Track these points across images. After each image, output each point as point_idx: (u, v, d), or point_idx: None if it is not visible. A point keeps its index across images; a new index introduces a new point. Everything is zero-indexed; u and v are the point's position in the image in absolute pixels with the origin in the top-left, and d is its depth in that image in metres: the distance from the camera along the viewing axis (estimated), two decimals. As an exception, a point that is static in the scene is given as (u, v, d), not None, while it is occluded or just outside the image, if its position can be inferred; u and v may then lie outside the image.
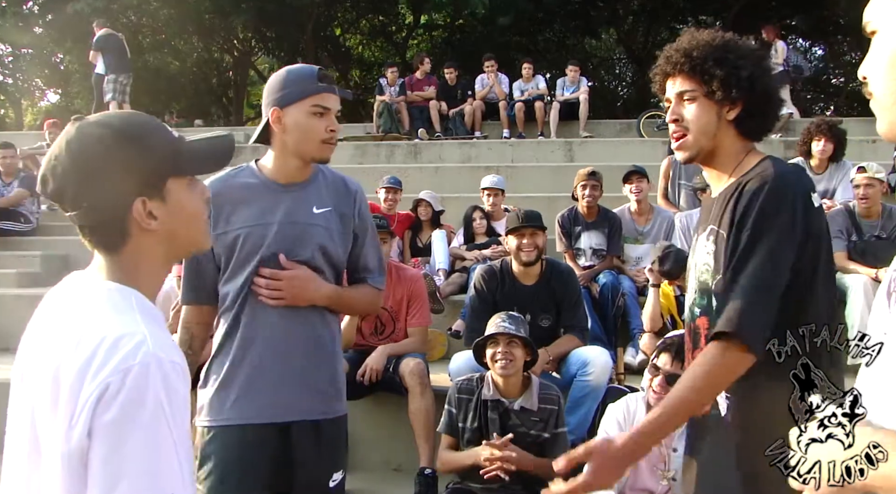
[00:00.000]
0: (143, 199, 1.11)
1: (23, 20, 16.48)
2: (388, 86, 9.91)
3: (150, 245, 1.14)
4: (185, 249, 1.23)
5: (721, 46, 1.58)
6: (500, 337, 3.05)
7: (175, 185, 1.14)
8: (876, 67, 0.90)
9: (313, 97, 1.90)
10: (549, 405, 3.04)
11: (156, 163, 1.12)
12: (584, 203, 4.98)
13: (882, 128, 0.91)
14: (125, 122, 1.14)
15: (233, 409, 1.95)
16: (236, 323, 1.96)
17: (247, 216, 1.95)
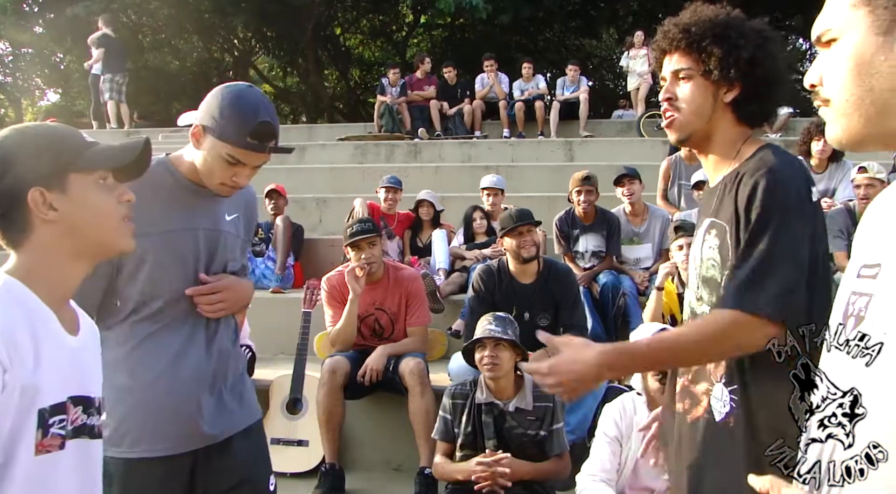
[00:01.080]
0: (39, 190, 1.18)
1: (23, 19, 16.47)
2: (390, 86, 9.91)
3: (53, 238, 1.20)
4: (95, 247, 1.26)
5: (722, 23, 1.49)
6: (486, 341, 3.02)
7: (79, 180, 1.22)
8: (836, 74, 0.90)
9: (231, 146, 1.69)
10: (544, 402, 3.03)
11: (53, 156, 1.21)
12: (580, 208, 4.96)
13: (837, 134, 0.92)
14: (28, 126, 1.26)
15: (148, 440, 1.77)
16: (148, 338, 1.76)
17: (162, 218, 1.75)
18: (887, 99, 0.87)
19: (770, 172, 1.41)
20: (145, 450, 1.75)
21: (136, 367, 1.76)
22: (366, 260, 3.80)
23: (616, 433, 2.81)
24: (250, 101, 1.72)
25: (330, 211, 6.84)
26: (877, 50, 0.87)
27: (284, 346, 4.75)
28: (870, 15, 0.88)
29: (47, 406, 1.16)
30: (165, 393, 1.76)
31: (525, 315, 3.77)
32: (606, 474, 2.77)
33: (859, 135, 0.90)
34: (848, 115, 0.90)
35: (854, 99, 0.89)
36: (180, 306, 1.79)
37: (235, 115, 1.69)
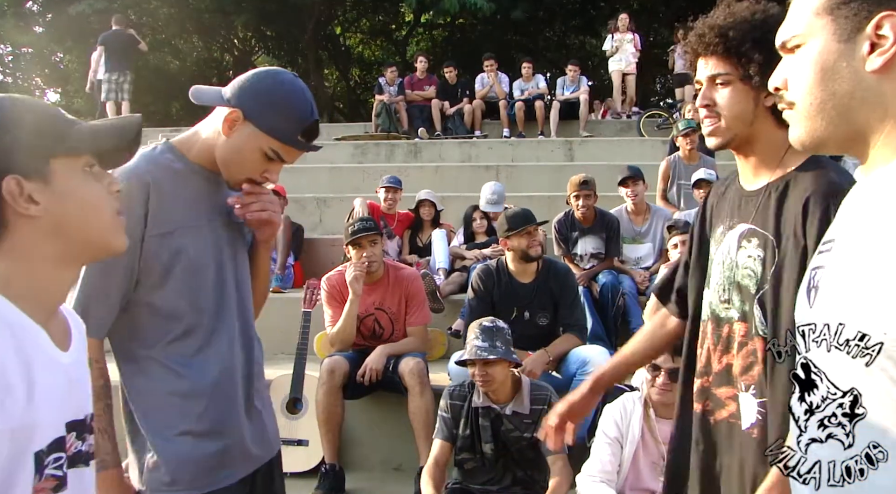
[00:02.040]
0: (16, 178, 0.95)
1: (23, 19, 16.49)
2: (388, 85, 9.91)
3: (34, 238, 0.98)
4: (86, 247, 1.04)
5: (761, 25, 1.42)
6: (476, 360, 2.99)
7: (63, 167, 1.00)
8: (800, 79, 0.94)
9: (279, 142, 1.53)
10: (540, 405, 3.02)
11: (33, 137, 0.98)
12: (579, 213, 4.95)
13: (800, 136, 0.96)
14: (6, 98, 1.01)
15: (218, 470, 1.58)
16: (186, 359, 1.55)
17: (185, 213, 1.55)
18: (847, 103, 0.90)
19: (839, 196, 1.32)
20: (208, 484, 1.55)
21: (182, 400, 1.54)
22: (366, 259, 3.80)
23: (616, 433, 2.81)
24: (305, 96, 1.56)
25: (330, 210, 6.84)
26: (839, 56, 0.91)
27: (284, 346, 4.75)
28: (832, 23, 0.92)
29: (44, 446, 0.97)
30: (216, 421, 1.56)
31: (524, 314, 3.77)
32: (606, 474, 2.76)
33: (821, 137, 0.94)
34: (811, 118, 0.94)
35: (817, 102, 0.93)
36: (219, 317, 1.58)
37: (290, 110, 1.54)
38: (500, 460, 3.07)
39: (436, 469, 3.06)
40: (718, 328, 1.55)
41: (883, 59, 0.87)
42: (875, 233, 0.83)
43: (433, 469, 3.06)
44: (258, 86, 1.54)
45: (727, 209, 1.58)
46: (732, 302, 1.52)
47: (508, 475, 3.09)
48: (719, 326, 1.55)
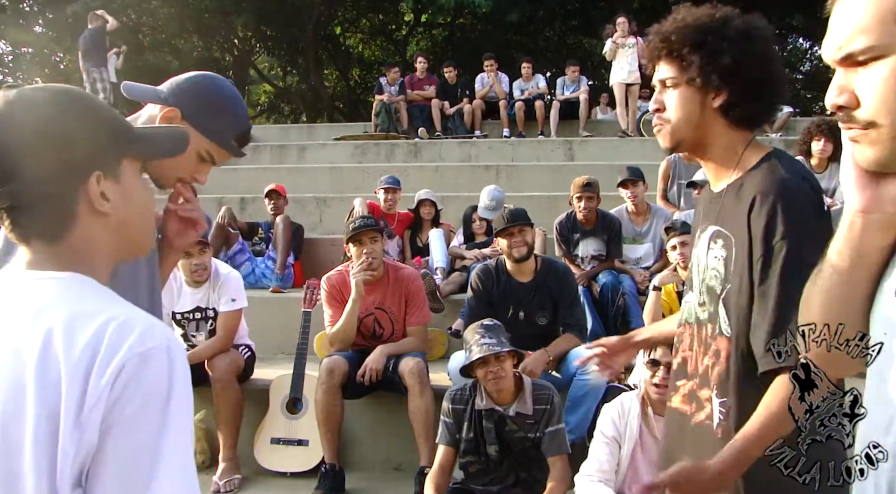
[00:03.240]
0: (98, 174, 0.94)
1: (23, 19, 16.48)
2: (388, 85, 9.91)
3: (100, 234, 0.96)
4: (131, 248, 1.03)
5: (701, 28, 1.44)
6: (488, 357, 2.97)
7: (130, 168, 0.99)
8: (888, 95, 0.83)
9: (216, 146, 1.56)
10: (542, 405, 3.03)
11: (113, 134, 0.97)
12: (581, 214, 4.94)
13: (885, 157, 0.86)
14: (72, 89, 0.98)
15: None
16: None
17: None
18: None
19: (785, 194, 1.37)
20: None
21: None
22: (367, 256, 3.80)
23: (614, 432, 2.81)
24: (242, 104, 1.64)
25: (330, 210, 6.84)
26: None
27: (284, 346, 4.75)
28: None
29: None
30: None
31: (522, 313, 3.77)
32: (605, 474, 2.77)
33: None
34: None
35: None
36: (153, 298, 1.59)
37: (228, 115, 1.58)
38: (504, 461, 3.07)
39: (440, 475, 3.07)
40: (699, 330, 1.56)
41: None
42: None
43: (437, 475, 3.07)
44: (198, 89, 1.56)
45: (702, 211, 1.62)
46: (706, 303, 1.54)
47: (512, 475, 3.10)
48: (700, 328, 1.56)
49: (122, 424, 0.81)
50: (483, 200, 5.43)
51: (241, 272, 4.75)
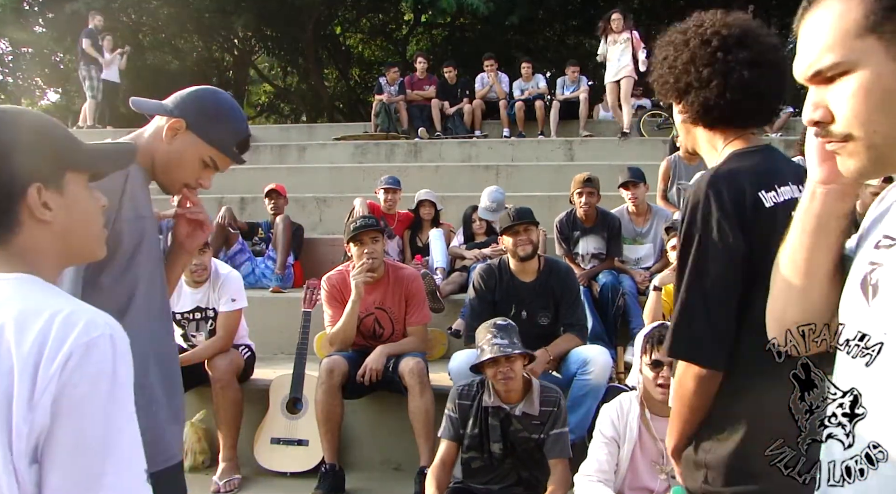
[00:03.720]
0: (38, 186, 1.04)
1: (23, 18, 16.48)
2: (388, 85, 9.91)
3: (44, 240, 1.07)
4: (78, 253, 1.14)
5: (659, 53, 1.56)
6: (498, 357, 2.97)
7: (74, 180, 1.10)
8: (855, 110, 0.86)
9: (218, 152, 1.71)
10: (549, 407, 3.03)
11: (55, 151, 1.08)
12: (581, 210, 4.95)
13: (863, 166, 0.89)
14: (23, 111, 1.11)
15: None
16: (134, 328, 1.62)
17: (146, 205, 1.68)
18: None
19: (697, 190, 1.44)
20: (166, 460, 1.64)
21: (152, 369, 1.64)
22: (368, 255, 3.80)
23: (613, 433, 2.81)
24: (240, 113, 1.77)
25: (330, 210, 6.84)
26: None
27: (284, 346, 4.75)
28: (880, 41, 0.83)
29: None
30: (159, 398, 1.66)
31: (524, 313, 3.77)
32: (604, 474, 2.77)
33: (884, 165, 0.88)
34: (878, 149, 0.86)
35: (884, 131, 0.85)
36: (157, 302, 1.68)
37: (229, 123, 1.73)
38: (506, 460, 3.08)
39: (441, 470, 3.07)
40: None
41: None
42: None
43: (438, 470, 3.07)
44: (200, 101, 1.72)
45: None
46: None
47: (513, 474, 3.10)
48: None
49: (72, 405, 0.91)
50: (484, 201, 5.42)
51: (241, 272, 4.75)
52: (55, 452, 0.90)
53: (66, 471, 0.90)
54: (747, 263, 1.37)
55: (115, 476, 0.92)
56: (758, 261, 1.35)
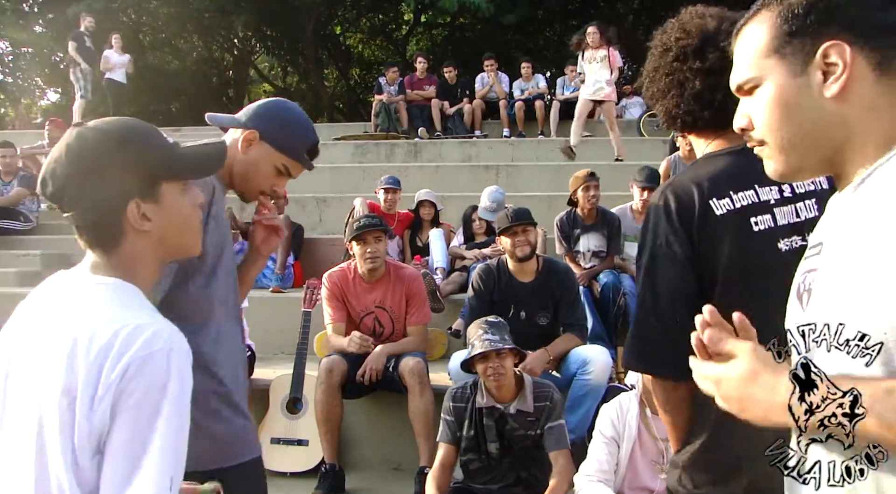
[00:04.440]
0: (136, 202, 1.15)
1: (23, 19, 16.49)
2: (388, 85, 9.91)
3: (144, 245, 1.18)
4: (175, 252, 1.26)
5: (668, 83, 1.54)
6: (489, 353, 2.99)
7: (169, 189, 1.19)
8: (765, 118, 0.98)
9: (291, 160, 1.82)
10: (543, 402, 3.03)
11: (151, 167, 1.17)
12: (587, 204, 4.93)
13: (777, 169, 1.00)
14: (123, 127, 1.19)
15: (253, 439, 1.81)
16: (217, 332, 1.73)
17: (223, 213, 1.80)
18: (816, 132, 0.95)
19: (658, 193, 1.46)
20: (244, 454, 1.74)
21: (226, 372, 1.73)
22: (370, 254, 3.81)
23: (612, 432, 2.82)
24: (307, 121, 1.90)
25: (330, 210, 6.84)
26: (797, 91, 0.95)
27: (284, 346, 4.75)
28: (782, 61, 0.96)
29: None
30: (241, 398, 1.77)
31: (523, 313, 3.77)
32: (604, 474, 2.77)
33: (797, 167, 0.99)
34: (785, 152, 0.98)
35: (788, 137, 0.97)
36: (232, 305, 1.81)
37: (299, 131, 1.85)
38: (504, 459, 3.08)
39: (441, 473, 3.07)
40: None
41: (839, 85, 0.91)
42: (873, 235, 0.84)
43: (439, 473, 3.07)
44: (271, 112, 1.84)
45: None
46: None
47: (512, 474, 3.10)
48: None
49: (126, 411, 1.03)
50: (484, 201, 5.42)
51: (241, 272, 4.74)
52: (110, 448, 1.04)
53: (114, 466, 1.03)
54: (696, 272, 1.38)
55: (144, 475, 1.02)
56: (709, 271, 1.38)
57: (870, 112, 0.91)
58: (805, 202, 1.48)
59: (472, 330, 3.11)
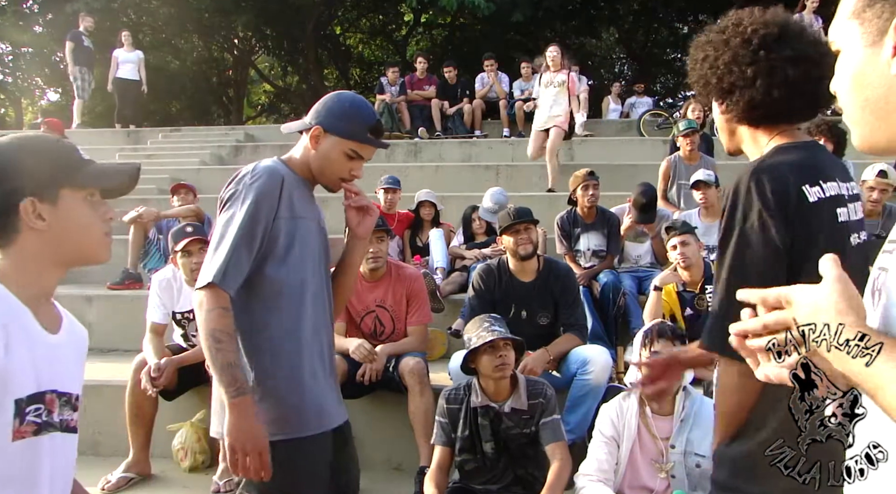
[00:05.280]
0: (32, 200, 1.27)
1: (23, 19, 16.49)
2: (389, 85, 9.91)
3: (37, 245, 1.29)
4: (75, 257, 1.35)
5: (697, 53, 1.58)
6: (497, 342, 2.98)
7: (69, 195, 1.31)
8: (841, 86, 0.94)
9: (356, 143, 1.97)
10: (537, 399, 3.03)
11: (50, 171, 1.30)
12: (586, 203, 4.95)
13: (856, 141, 0.95)
14: (27, 137, 1.34)
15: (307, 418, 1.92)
16: (296, 318, 1.90)
17: (302, 207, 1.97)
18: (884, 107, 0.88)
19: (740, 181, 1.43)
20: (307, 429, 1.89)
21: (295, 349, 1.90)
22: (373, 254, 3.81)
23: (612, 432, 2.82)
24: (366, 104, 2.04)
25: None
26: (866, 61, 0.89)
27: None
28: (860, 27, 0.90)
29: (24, 396, 1.23)
30: (310, 374, 1.92)
31: (523, 313, 3.77)
32: (604, 473, 2.77)
33: (871, 141, 0.92)
34: (856, 124, 0.93)
35: (857, 108, 0.92)
36: (312, 288, 1.94)
37: (357, 116, 1.98)
38: (500, 459, 3.07)
39: (439, 474, 3.07)
40: None
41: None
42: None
43: (436, 474, 3.07)
44: (328, 105, 2.00)
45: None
46: None
47: (509, 473, 3.09)
48: None
49: None
50: (486, 202, 5.43)
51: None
52: None
53: None
54: (788, 257, 1.36)
55: None
56: (799, 256, 1.35)
57: None
58: (856, 204, 1.51)
59: (473, 325, 3.10)
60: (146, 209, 5.74)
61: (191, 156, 9.78)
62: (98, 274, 5.95)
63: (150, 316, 3.92)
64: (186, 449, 3.84)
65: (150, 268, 5.60)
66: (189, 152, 10.03)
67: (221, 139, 10.87)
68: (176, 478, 3.74)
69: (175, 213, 5.69)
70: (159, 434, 3.78)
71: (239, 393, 1.75)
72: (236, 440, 1.77)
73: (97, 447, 4.02)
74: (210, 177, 8.17)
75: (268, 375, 1.86)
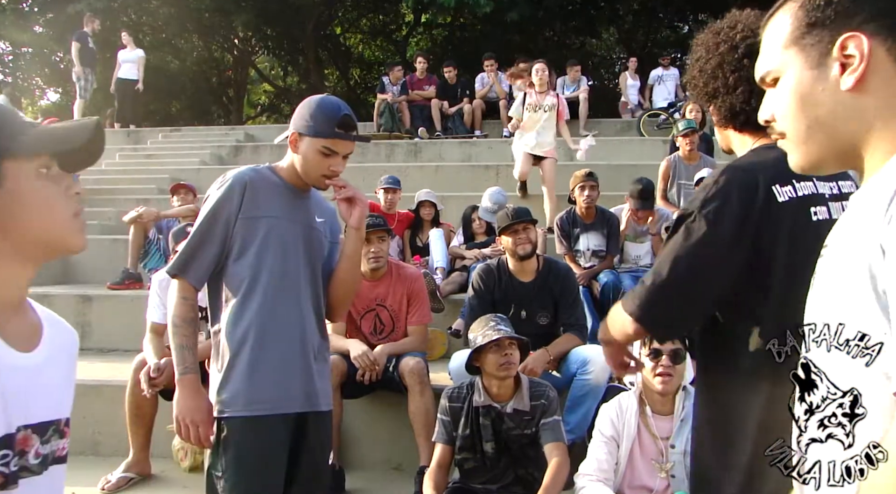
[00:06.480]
0: None
1: (23, 19, 16.50)
2: (391, 85, 9.91)
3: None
4: (40, 247, 1.03)
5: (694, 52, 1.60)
6: (503, 341, 2.99)
7: (15, 169, 0.98)
8: (785, 110, 0.99)
9: (326, 140, 2.07)
10: (539, 400, 3.03)
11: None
12: (583, 204, 4.96)
13: (798, 161, 1.00)
14: None
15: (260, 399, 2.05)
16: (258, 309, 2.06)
17: (272, 207, 2.11)
18: (832, 124, 0.94)
19: (719, 170, 1.47)
20: (257, 409, 2.03)
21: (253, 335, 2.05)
22: (374, 254, 3.81)
23: (612, 432, 2.82)
24: (332, 101, 2.13)
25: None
26: (814, 82, 0.95)
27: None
28: (800, 53, 0.96)
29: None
30: (275, 360, 2.06)
31: (523, 313, 3.77)
32: (604, 473, 2.77)
33: (815, 160, 0.98)
34: (803, 144, 0.98)
35: (804, 129, 0.96)
36: (279, 281, 2.08)
37: (323, 114, 2.08)
38: (501, 459, 3.07)
39: (438, 472, 3.07)
40: None
41: (855, 77, 0.90)
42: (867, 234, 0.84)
43: (436, 472, 3.07)
44: (301, 110, 2.13)
45: None
46: None
47: (510, 473, 3.09)
48: None
49: None
50: (485, 202, 5.43)
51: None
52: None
53: None
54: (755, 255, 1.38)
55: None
56: (765, 254, 1.38)
57: (889, 106, 0.90)
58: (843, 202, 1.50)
59: (479, 324, 3.11)
60: (146, 209, 5.74)
61: (191, 156, 9.78)
62: (98, 275, 5.95)
63: (150, 316, 3.92)
64: (186, 449, 3.84)
65: (150, 268, 5.61)
66: (189, 152, 10.04)
67: (221, 139, 10.88)
68: (176, 478, 3.74)
69: (175, 213, 5.69)
70: (159, 434, 3.78)
71: (186, 372, 2.03)
72: (180, 412, 2.02)
73: (97, 447, 4.03)
74: (210, 177, 8.15)
75: (233, 357, 2.05)
